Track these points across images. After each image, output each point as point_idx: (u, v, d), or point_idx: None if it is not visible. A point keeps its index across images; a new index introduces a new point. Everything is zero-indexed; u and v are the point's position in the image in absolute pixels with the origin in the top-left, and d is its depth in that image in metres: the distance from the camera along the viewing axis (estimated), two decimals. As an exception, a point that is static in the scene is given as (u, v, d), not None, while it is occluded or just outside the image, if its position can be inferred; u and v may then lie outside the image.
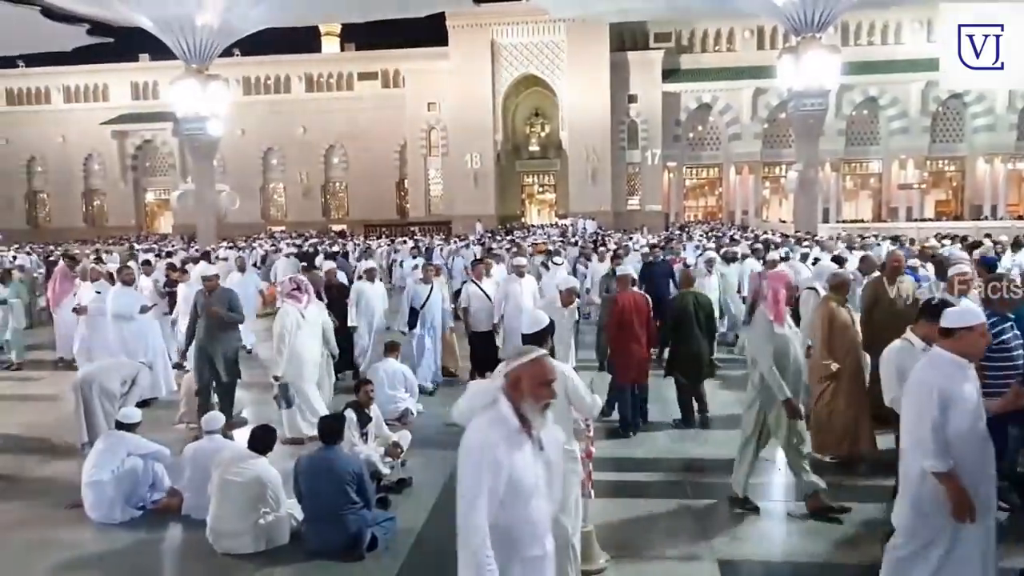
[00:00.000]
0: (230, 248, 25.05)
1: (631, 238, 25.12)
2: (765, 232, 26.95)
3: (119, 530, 5.45)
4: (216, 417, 5.98)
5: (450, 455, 6.82)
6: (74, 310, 10.01)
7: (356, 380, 6.92)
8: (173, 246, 29.97)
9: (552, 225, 42.18)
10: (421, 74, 48.69)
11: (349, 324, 9.50)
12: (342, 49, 54.77)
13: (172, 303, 11.26)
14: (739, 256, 13.01)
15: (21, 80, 54.52)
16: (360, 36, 51.11)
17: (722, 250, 13.54)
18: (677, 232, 31.92)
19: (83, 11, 31.98)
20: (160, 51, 34.35)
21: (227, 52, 33.71)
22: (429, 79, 48.25)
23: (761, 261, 11.80)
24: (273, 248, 24.83)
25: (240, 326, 8.34)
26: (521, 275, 9.41)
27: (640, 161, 47.96)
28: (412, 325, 9.54)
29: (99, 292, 9.89)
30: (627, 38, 47.72)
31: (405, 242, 27.48)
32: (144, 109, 52.36)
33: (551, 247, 18.39)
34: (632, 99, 47.18)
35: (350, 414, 6.16)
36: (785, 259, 11.91)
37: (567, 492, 4.03)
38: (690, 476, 6.38)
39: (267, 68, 52.60)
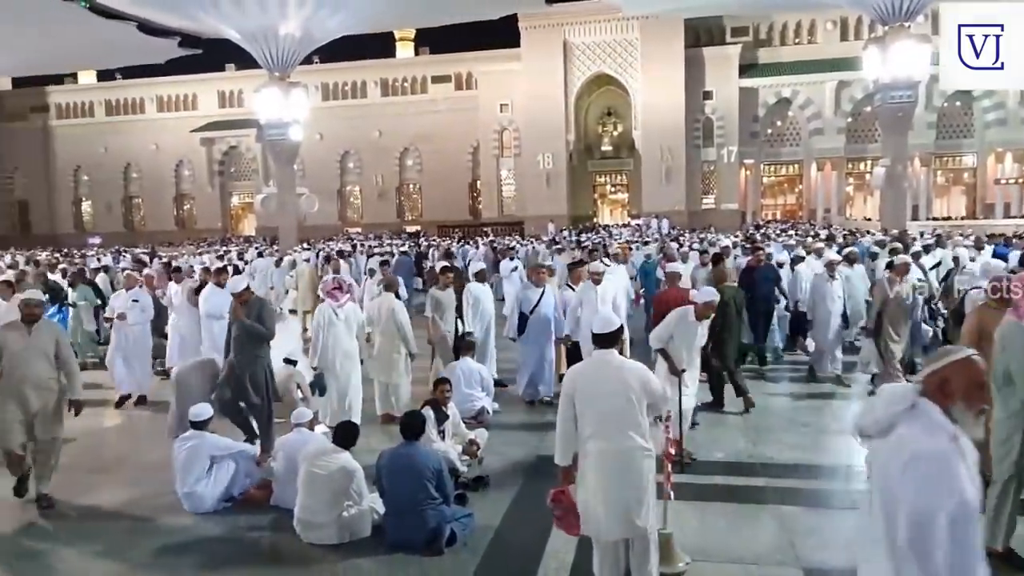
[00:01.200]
0: (307, 249, 25.87)
1: (703, 238, 24.57)
2: (856, 230, 25.89)
3: (213, 518, 5.71)
4: (304, 412, 6.20)
5: (527, 454, 6.96)
6: (107, 319, 9.72)
7: (436, 379, 7.00)
8: (259, 246, 31.11)
9: (624, 225, 41.80)
10: (493, 76, 49.07)
11: (466, 329, 9.18)
12: (416, 53, 55.81)
13: None
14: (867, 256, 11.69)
15: (119, 92, 57.87)
16: (434, 40, 52.02)
17: (845, 250, 11.96)
18: (753, 231, 31.08)
19: (175, 25, 33.71)
20: (245, 61, 35.85)
21: (307, 60, 34.84)
22: (501, 80, 48.59)
23: (888, 263, 9.91)
24: (353, 248, 25.46)
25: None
26: (597, 282, 8.48)
27: (716, 159, 46.99)
28: (522, 331, 8.83)
29: (136, 300, 9.70)
30: (702, 34, 46.83)
31: (477, 245, 27.59)
32: (230, 116, 54.73)
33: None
34: (707, 96, 46.26)
35: (428, 412, 6.27)
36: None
37: (644, 492, 4.00)
38: (774, 481, 6.21)
39: (344, 74, 54.10)
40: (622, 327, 4.30)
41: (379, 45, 52.03)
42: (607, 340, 4.11)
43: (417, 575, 4.72)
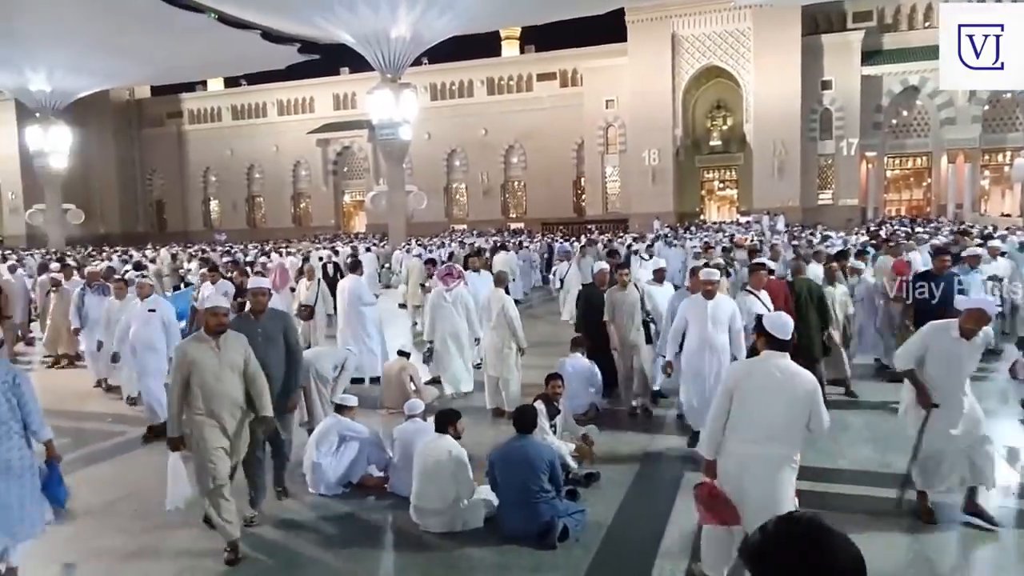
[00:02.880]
0: (418, 245, 26.60)
1: (817, 236, 23.19)
2: (986, 227, 23.90)
3: (333, 501, 5.96)
4: (416, 403, 6.37)
5: (637, 452, 6.85)
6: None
7: (548, 375, 7.00)
8: (374, 241, 32.22)
9: (733, 222, 40.45)
10: (599, 71, 48.66)
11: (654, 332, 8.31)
12: (522, 52, 56.15)
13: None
14: None
15: (243, 97, 61.52)
16: (539, 37, 52.17)
17: None
18: (873, 227, 29.28)
19: (295, 32, 35.50)
20: (358, 64, 37.24)
21: (416, 61, 35.75)
22: (607, 76, 48.10)
23: None
24: (460, 245, 25.96)
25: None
26: (710, 295, 6.76)
27: (834, 152, 44.60)
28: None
29: (153, 310, 8.26)
30: (821, 20, 44.56)
31: (571, 244, 27.29)
32: (344, 118, 56.99)
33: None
34: (826, 85, 43.97)
35: (540, 406, 6.28)
36: None
37: (786, 500, 3.86)
38: (903, 492, 5.82)
39: (452, 74, 55.17)
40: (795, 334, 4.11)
41: (485, 45, 52.74)
42: (782, 344, 4.00)
43: (530, 567, 4.73)
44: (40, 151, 40.10)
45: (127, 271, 14.69)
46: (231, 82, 61.00)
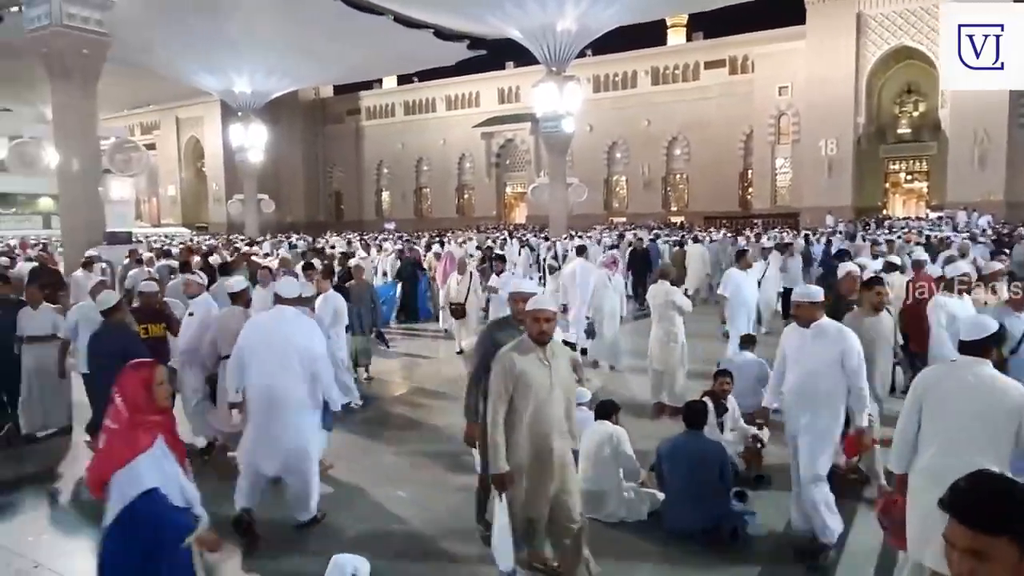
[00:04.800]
0: (579, 236, 26.71)
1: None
2: None
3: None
4: (583, 392, 6.41)
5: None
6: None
7: (716, 371, 6.81)
8: (536, 234, 32.71)
9: (923, 218, 36.91)
10: (772, 57, 46.13)
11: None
12: (688, 39, 54.50)
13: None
14: None
15: (415, 93, 64.73)
16: (707, 24, 50.32)
17: None
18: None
19: (465, 29, 36.77)
20: (523, 58, 37.96)
21: (580, 53, 35.77)
22: (781, 62, 45.51)
23: None
24: (619, 236, 25.78)
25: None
26: (805, 323, 4.77)
27: (1051, 139, 39.30)
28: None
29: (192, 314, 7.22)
30: (1037, -9, 39.37)
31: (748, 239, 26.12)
32: (507, 112, 58.28)
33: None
34: (1041, 64, 38.78)
35: (707, 402, 6.12)
36: None
37: None
38: None
39: (615, 65, 54.64)
40: (999, 333, 3.59)
41: (650, 34, 51.64)
42: (976, 347, 3.58)
43: (699, 565, 4.65)
44: (241, 147, 44.53)
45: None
46: (404, 79, 64.31)
